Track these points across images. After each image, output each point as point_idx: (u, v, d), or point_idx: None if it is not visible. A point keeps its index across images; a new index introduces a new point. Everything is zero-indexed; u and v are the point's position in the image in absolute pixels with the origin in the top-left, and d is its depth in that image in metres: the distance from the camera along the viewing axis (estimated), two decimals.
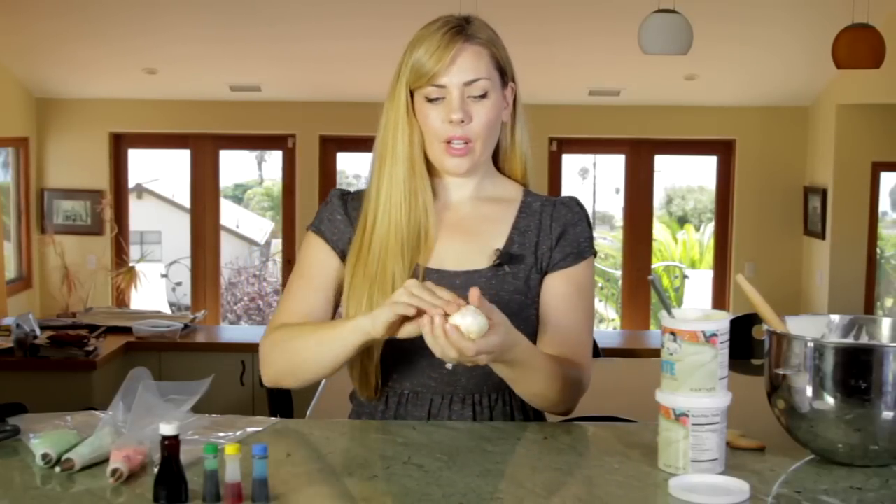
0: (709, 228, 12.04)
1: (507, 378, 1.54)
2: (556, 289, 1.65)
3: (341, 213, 1.71)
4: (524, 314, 1.63)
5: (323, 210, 1.73)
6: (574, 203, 1.72)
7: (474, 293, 1.39)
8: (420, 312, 1.41)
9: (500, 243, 1.66)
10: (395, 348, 1.63)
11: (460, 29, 1.61)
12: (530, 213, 1.69)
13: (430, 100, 1.62)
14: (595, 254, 1.71)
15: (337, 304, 1.71)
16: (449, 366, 1.43)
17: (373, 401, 1.69)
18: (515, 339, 1.46)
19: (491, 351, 1.39)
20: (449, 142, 1.62)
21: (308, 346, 1.58)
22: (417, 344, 1.60)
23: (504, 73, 1.66)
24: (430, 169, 1.68)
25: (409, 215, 1.64)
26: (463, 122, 1.60)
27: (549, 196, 1.73)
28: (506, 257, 1.65)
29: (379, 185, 1.66)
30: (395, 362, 1.65)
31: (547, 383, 1.55)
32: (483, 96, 1.61)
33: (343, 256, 1.69)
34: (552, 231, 1.67)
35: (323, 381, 3.79)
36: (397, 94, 1.64)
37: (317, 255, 1.70)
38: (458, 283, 1.62)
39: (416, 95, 1.64)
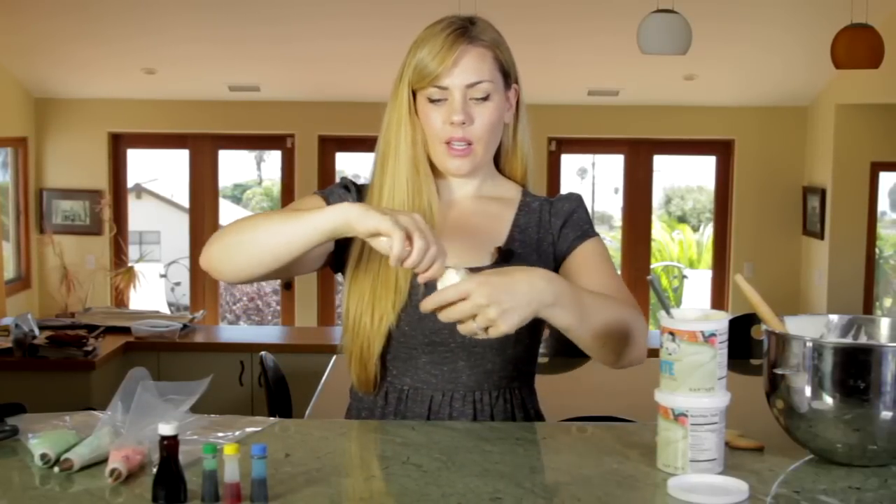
0: (708, 229, 12.03)
1: (565, 327, 1.44)
2: (577, 263, 1.65)
3: (349, 199, 1.69)
4: None
5: (336, 188, 1.72)
6: (571, 195, 1.73)
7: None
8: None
9: (500, 241, 1.67)
10: (396, 345, 1.63)
11: (464, 30, 1.61)
12: (529, 211, 1.70)
13: (432, 101, 1.62)
14: (598, 234, 1.71)
15: (311, 264, 1.64)
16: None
17: (371, 396, 1.69)
18: (532, 282, 1.38)
19: (477, 304, 1.33)
20: (449, 143, 1.62)
21: (269, 227, 1.47)
22: (420, 340, 1.62)
23: (507, 75, 1.66)
24: (433, 168, 1.68)
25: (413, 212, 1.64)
26: (464, 123, 1.61)
27: (547, 196, 1.74)
28: (507, 255, 1.65)
29: (382, 183, 1.66)
30: (395, 358, 1.65)
31: (608, 323, 1.48)
32: (485, 98, 1.62)
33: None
34: (552, 226, 1.68)
35: (322, 381, 3.79)
36: (400, 94, 1.65)
37: (313, 203, 1.66)
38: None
39: (418, 96, 1.64)
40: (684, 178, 13.04)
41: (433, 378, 1.65)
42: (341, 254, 1.68)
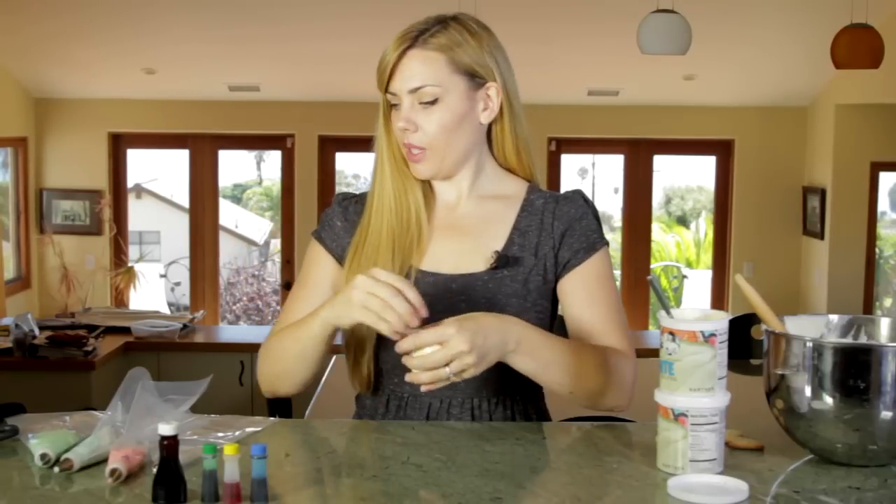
0: (702, 225, 12.03)
1: (528, 373, 1.50)
2: (576, 288, 1.62)
3: (341, 220, 1.71)
4: (523, 318, 1.58)
5: (325, 215, 1.74)
6: (578, 197, 1.68)
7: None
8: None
9: (499, 244, 1.64)
10: (394, 353, 1.61)
11: (420, 33, 1.59)
12: (532, 211, 1.66)
13: (391, 105, 1.62)
14: (607, 243, 1.67)
15: None
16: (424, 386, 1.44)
17: (367, 394, 1.68)
18: (502, 328, 1.44)
19: (458, 351, 1.38)
20: (407, 147, 1.62)
21: (286, 347, 1.60)
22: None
23: (473, 76, 1.61)
24: None
25: (399, 215, 1.64)
26: (408, 130, 1.60)
27: (554, 192, 1.69)
28: (503, 260, 1.62)
29: (374, 184, 1.67)
30: (395, 367, 1.62)
31: (576, 371, 1.51)
32: (432, 103, 1.58)
33: (340, 261, 1.69)
34: (554, 230, 1.64)
35: (322, 381, 3.79)
36: (382, 97, 1.65)
37: (315, 264, 1.71)
38: (454, 286, 1.61)
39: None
40: (684, 178, 13.05)
41: None
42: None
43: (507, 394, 1.64)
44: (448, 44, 1.59)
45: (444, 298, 1.60)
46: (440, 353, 1.38)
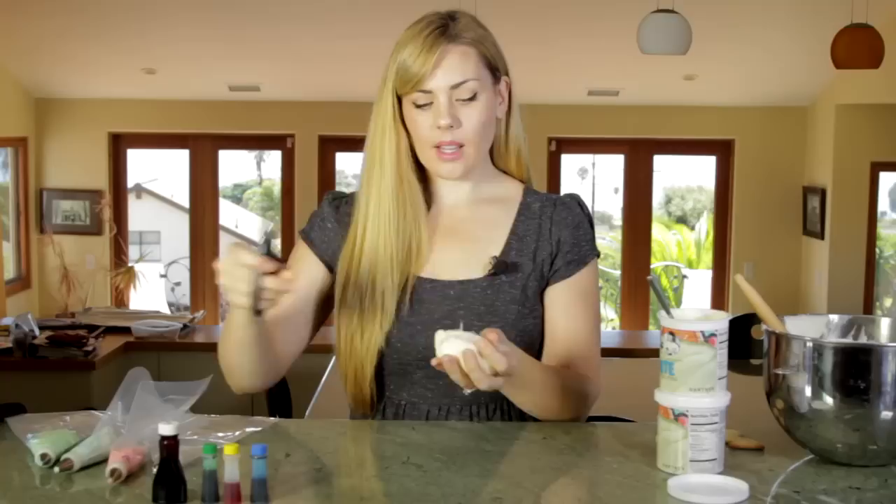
0: (703, 225, 12.03)
1: (503, 391, 1.50)
2: (560, 300, 1.62)
3: (332, 221, 1.68)
4: (521, 324, 1.59)
5: (315, 216, 1.71)
6: (574, 203, 1.66)
7: (492, 336, 1.37)
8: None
9: (497, 249, 1.62)
10: (391, 361, 1.61)
11: (444, 29, 1.56)
12: (529, 215, 1.64)
13: (417, 105, 1.56)
14: (598, 254, 1.66)
15: (320, 315, 1.68)
16: (466, 392, 1.40)
17: (368, 416, 1.66)
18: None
19: (510, 358, 1.38)
20: (439, 147, 1.57)
21: (226, 338, 1.54)
22: (413, 356, 1.58)
23: (495, 70, 1.60)
24: (424, 173, 1.63)
25: (399, 227, 1.59)
26: (452, 127, 1.55)
27: (550, 194, 1.68)
28: (502, 266, 1.60)
29: (368, 193, 1.62)
30: (391, 373, 1.62)
31: (544, 395, 1.53)
32: (472, 98, 1.56)
33: (329, 265, 1.67)
34: (552, 236, 1.62)
35: (322, 381, 3.79)
36: (384, 100, 1.60)
37: (300, 264, 1.68)
38: (452, 293, 1.59)
39: (403, 101, 1.58)
40: (684, 178, 13.05)
41: (429, 392, 1.61)
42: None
43: (504, 398, 1.60)
44: (476, 37, 1.58)
45: (443, 305, 1.59)
46: (490, 381, 1.37)
